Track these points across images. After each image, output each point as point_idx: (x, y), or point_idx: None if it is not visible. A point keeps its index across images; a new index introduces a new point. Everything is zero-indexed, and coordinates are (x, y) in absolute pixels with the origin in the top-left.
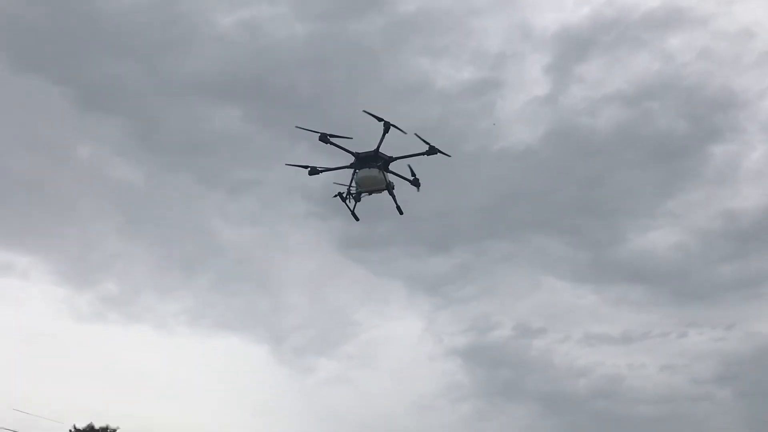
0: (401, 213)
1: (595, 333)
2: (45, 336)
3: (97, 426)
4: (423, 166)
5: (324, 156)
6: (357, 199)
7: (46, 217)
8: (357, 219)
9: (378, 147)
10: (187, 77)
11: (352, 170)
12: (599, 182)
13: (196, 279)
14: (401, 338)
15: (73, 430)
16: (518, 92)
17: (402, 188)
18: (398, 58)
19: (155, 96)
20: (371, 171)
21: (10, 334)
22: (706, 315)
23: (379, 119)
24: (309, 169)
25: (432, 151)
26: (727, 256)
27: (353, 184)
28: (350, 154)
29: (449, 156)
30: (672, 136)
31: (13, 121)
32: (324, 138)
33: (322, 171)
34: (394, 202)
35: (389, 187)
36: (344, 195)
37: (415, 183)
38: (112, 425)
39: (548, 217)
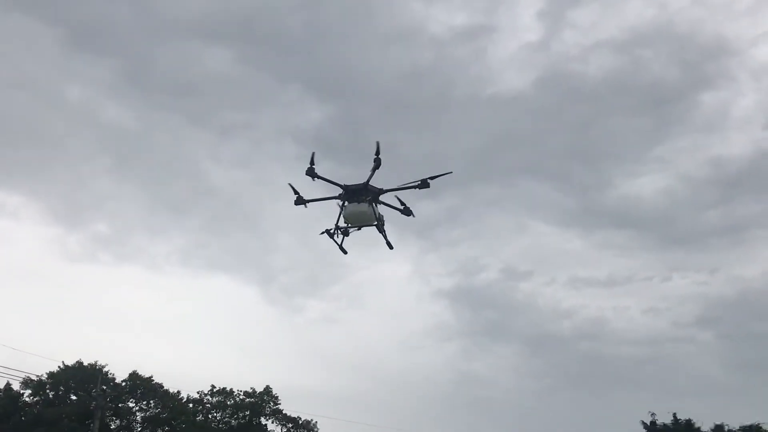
0: (391, 248)
1: (580, 276)
2: (36, 275)
3: (86, 362)
4: (416, 113)
5: (314, 99)
6: (345, 234)
7: (36, 157)
8: (345, 252)
9: (368, 181)
10: (178, 19)
11: (340, 203)
12: (588, 128)
13: (186, 220)
14: (389, 280)
15: (62, 366)
16: (510, 38)
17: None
18: (391, 1)
19: (146, 37)
20: (360, 206)
21: (0, 272)
22: (691, 259)
23: (377, 153)
24: (296, 198)
25: (425, 184)
26: (713, 202)
27: (341, 218)
28: (338, 187)
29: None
30: (663, 83)
31: (2, 62)
32: (311, 173)
33: (309, 202)
34: (383, 237)
35: (379, 222)
36: (332, 231)
37: (407, 212)
38: (102, 362)
39: (537, 162)
